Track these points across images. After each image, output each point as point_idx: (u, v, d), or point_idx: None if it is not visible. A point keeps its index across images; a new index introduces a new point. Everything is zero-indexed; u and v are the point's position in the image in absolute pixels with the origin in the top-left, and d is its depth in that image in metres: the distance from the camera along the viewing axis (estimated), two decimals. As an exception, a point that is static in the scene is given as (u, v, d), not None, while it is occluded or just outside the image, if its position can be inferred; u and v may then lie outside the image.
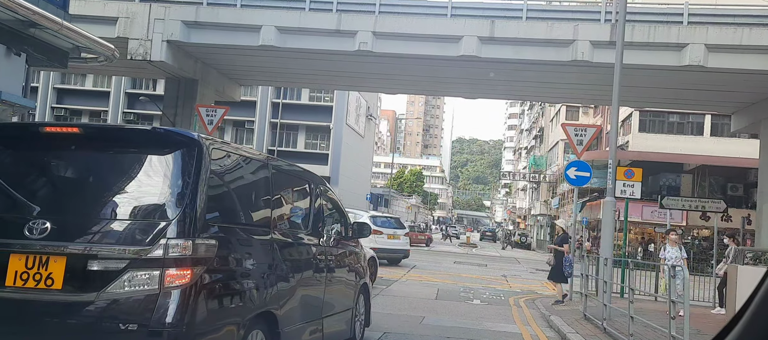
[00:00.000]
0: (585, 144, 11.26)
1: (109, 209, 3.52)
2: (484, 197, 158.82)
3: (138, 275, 3.21)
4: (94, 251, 3.26)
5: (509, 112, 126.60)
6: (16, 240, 3.28)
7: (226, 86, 28.64)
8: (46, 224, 3.30)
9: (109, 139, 3.95)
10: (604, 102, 29.96)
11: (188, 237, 3.30)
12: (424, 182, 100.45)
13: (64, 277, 3.22)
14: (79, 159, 3.77)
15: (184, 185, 3.42)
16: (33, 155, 3.81)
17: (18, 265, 3.24)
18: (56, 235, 3.29)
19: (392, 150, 70.93)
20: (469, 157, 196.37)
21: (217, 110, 12.12)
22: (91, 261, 3.24)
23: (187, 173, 3.46)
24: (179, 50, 23.55)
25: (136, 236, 3.31)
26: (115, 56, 12.43)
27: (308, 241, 4.82)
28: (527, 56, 21.56)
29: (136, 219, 3.42)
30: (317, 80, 28.85)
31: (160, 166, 3.61)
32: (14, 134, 4.05)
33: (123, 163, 3.72)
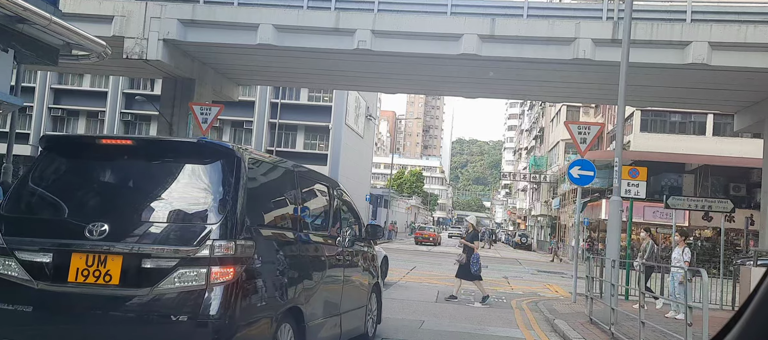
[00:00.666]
0: (589, 142, 10.98)
1: (159, 213, 3.87)
2: (484, 197, 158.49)
3: (187, 273, 3.57)
4: (148, 251, 3.62)
5: (509, 113, 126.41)
6: (78, 241, 3.64)
7: (223, 86, 28.35)
8: (105, 227, 3.66)
9: (158, 150, 4.33)
10: (606, 101, 29.68)
11: (230, 239, 3.65)
12: (424, 183, 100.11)
13: (121, 274, 3.58)
14: (132, 168, 4.17)
15: (226, 192, 3.80)
16: (91, 164, 4.21)
17: (79, 263, 3.60)
18: (113, 236, 3.64)
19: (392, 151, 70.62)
20: (469, 158, 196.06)
21: (212, 109, 11.83)
22: (145, 260, 3.60)
23: (227, 181, 3.85)
24: (176, 49, 23.27)
25: (185, 237, 3.66)
26: (107, 53, 12.15)
27: (328, 242, 5.14)
28: (528, 55, 21.26)
29: (184, 222, 3.79)
30: (316, 80, 28.56)
31: (204, 175, 4.00)
32: (74, 145, 4.52)
33: (171, 172, 4.08)
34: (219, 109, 11.94)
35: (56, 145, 4.41)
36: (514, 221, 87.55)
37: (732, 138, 30.17)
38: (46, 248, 3.71)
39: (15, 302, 3.61)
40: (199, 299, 3.55)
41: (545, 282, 15.12)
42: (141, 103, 34.25)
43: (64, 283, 3.62)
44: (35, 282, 3.65)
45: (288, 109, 38.03)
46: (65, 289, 3.62)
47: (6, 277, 3.67)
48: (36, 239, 3.74)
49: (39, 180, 4.13)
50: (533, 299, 11.81)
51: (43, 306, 3.62)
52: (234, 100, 30.67)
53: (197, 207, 3.88)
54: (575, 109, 43.75)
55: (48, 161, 4.20)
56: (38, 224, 3.89)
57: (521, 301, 10.97)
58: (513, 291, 12.83)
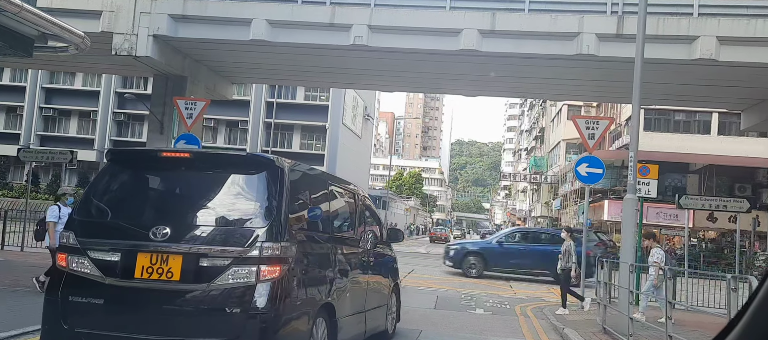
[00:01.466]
0: (597, 138, 10.32)
1: (213, 217, 4.32)
2: (483, 199, 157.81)
3: (240, 270, 4.00)
4: (204, 251, 4.06)
5: (508, 114, 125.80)
6: (143, 242, 4.08)
7: (217, 84, 27.66)
8: (167, 229, 4.11)
9: (211, 162, 4.86)
10: (610, 99, 29.02)
11: (277, 241, 4.09)
12: (423, 184, 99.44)
13: (181, 271, 4.01)
14: (189, 178, 4.66)
15: (271, 199, 4.23)
16: (152, 175, 4.76)
17: (144, 261, 4.03)
18: (174, 238, 4.09)
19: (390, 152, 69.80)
20: (468, 160, 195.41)
21: (197, 103, 11.16)
22: (202, 259, 4.03)
23: (272, 189, 4.27)
24: (166, 46, 22.59)
25: (236, 239, 4.10)
26: (86, 45, 11.47)
27: (355, 244, 5.54)
28: (530, 50, 20.60)
29: (235, 226, 4.23)
30: (311, 77, 27.88)
31: (252, 184, 4.43)
32: (138, 158, 5.08)
33: (222, 181, 4.53)
34: (205, 104, 11.27)
35: (120, 158, 4.93)
36: (513, 222, 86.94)
37: (737, 137, 29.52)
38: (115, 248, 4.17)
39: (88, 295, 4.08)
40: (249, 293, 4.00)
41: (550, 286, 14.46)
42: (134, 103, 33.58)
43: (131, 279, 4.07)
44: (106, 278, 4.10)
45: (284, 109, 37.34)
46: (132, 284, 4.08)
47: (80, 274, 4.12)
48: (106, 240, 4.20)
49: (106, 188, 4.62)
50: (538, 305, 11.14)
51: (113, 300, 4.08)
52: (228, 98, 30.00)
53: (246, 213, 4.32)
54: (576, 108, 43.09)
55: (113, 171, 4.69)
56: (107, 227, 4.34)
57: (526, 307, 10.31)
58: (516, 296, 12.15)
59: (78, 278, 4.15)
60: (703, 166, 30.24)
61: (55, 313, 4.18)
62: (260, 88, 36.90)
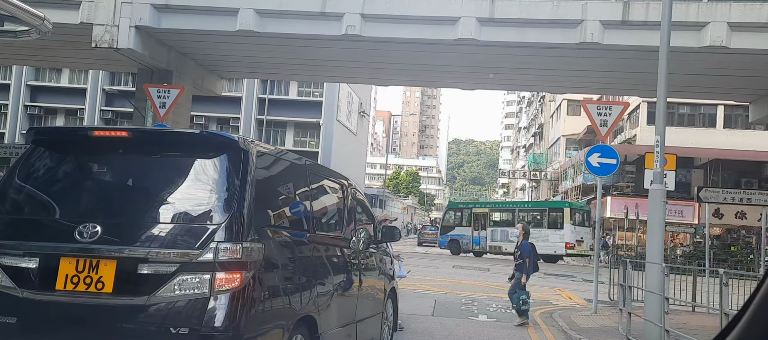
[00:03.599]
0: (610, 125, 9.38)
1: (157, 212, 3.51)
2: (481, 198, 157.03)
3: (188, 279, 3.20)
4: (144, 255, 3.27)
5: (506, 111, 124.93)
6: (67, 244, 3.28)
7: (205, 79, 26.65)
8: (97, 228, 3.29)
9: (156, 143, 3.90)
10: (615, 90, 28.02)
11: (237, 241, 3.29)
12: (420, 183, 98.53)
13: (115, 280, 3.22)
14: (128, 163, 3.79)
15: (231, 188, 3.43)
16: (82, 159, 3.84)
17: (68, 268, 3.24)
18: (106, 239, 3.28)
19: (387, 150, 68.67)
20: (465, 159, 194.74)
21: (171, 91, 10.18)
22: (142, 265, 3.23)
23: (233, 176, 3.47)
24: (150, 37, 21.56)
25: (186, 239, 3.31)
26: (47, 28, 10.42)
27: (343, 244, 4.76)
28: (531, 39, 19.64)
29: (185, 223, 3.41)
30: (303, 71, 26.86)
31: (207, 170, 3.60)
32: (63, 139, 4.13)
33: (170, 167, 3.72)
34: (179, 91, 10.29)
35: (45, 139, 4.00)
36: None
37: (744, 130, 28.63)
38: (31, 252, 3.34)
39: None
40: (201, 308, 3.19)
41: (555, 287, 13.53)
42: (121, 100, 32.52)
43: (51, 291, 3.26)
44: (20, 290, 3.29)
45: (276, 105, 36.32)
46: (53, 297, 3.27)
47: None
48: (21, 242, 3.38)
49: (26, 177, 3.74)
50: (546, 309, 10.18)
51: (29, 317, 3.27)
52: (217, 94, 28.97)
53: (199, 206, 3.47)
54: (576, 103, 42.17)
55: (36, 156, 3.80)
56: (24, 226, 3.50)
57: (533, 312, 9.35)
58: (521, 299, 11.20)
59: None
60: (708, 161, 29.33)
61: None
62: (252, 84, 35.87)
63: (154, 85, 11.05)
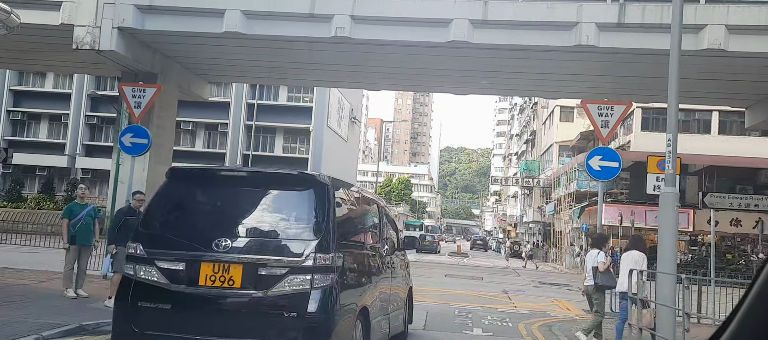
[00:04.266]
0: (612, 126, 8.88)
1: (270, 231, 4.82)
2: (472, 205, 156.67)
3: (295, 279, 4.45)
4: (263, 261, 4.52)
5: (498, 119, 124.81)
6: (207, 252, 4.54)
7: (192, 83, 26.02)
8: (228, 241, 4.58)
9: (265, 180, 5.29)
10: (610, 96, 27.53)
11: (327, 252, 4.55)
12: (412, 190, 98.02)
13: (242, 279, 4.47)
14: (244, 194, 5.04)
15: (320, 213, 4.72)
16: (211, 191, 5.14)
17: (208, 270, 4.48)
18: (235, 249, 4.57)
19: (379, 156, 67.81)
20: (457, 166, 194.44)
21: (146, 90, 9.58)
22: (261, 268, 4.49)
23: (321, 205, 4.75)
24: (133, 39, 20.95)
25: (292, 251, 4.58)
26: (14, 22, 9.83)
27: (381, 253, 5.82)
28: (524, 41, 19.21)
29: (291, 239, 4.71)
30: (292, 75, 26.30)
31: (303, 200, 4.88)
32: (200, 176, 5.53)
33: (277, 198, 5.05)
34: (155, 90, 9.69)
35: (180, 175, 5.20)
36: (504, 228, 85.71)
37: (739, 137, 28.32)
38: (180, 258, 4.55)
39: (156, 301, 4.46)
40: (305, 299, 4.36)
41: (552, 297, 12.99)
42: (107, 105, 31.77)
43: (195, 286, 4.48)
44: (172, 285, 4.50)
45: (266, 111, 35.67)
46: (197, 291, 4.48)
47: (148, 281, 4.49)
48: (172, 251, 4.58)
49: (167, 203, 4.97)
50: (545, 321, 9.62)
51: (179, 304, 4.47)
52: (204, 98, 28.35)
53: (299, 226, 4.75)
54: (569, 110, 41.92)
55: (173, 188, 4.99)
56: (173, 240, 4.67)
57: (531, 324, 8.79)
58: (517, 310, 10.62)
59: (146, 285, 4.49)
60: (703, 167, 28.97)
61: (125, 317, 4.54)
62: (241, 89, 35.23)
63: (128, 84, 10.45)
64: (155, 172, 23.80)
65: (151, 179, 23.32)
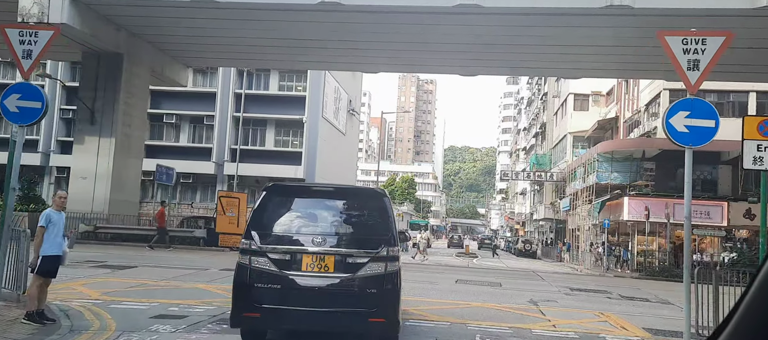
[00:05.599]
0: (704, 68, 6.04)
1: (353, 230, 6.43)
2: (478, 204, 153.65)
3: (373, 265, 5.92)
4: (350, 253, 5.98)
5: (503, 115, 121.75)
6: (307, 247, 5.97)
7: (167, 66, 23.24)
8: (322, 239, 6.04)
9: (346, 193, 7.05)
10: (642, 72, 24.65)
11: (394, 246, 6.08)
12: (416, 189, 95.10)
13: (334, 266, 5.89)
14: (331, 204, 6.66)
15: (385, 218, 6.34)
16: (305, 201, 6.82)
17: (308, 260, 5.90)
18: (328, 244, 6.02)
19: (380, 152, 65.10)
20: (461, 165, 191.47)
21: (40, 33, 6.80)
22: (349, 258, 5.94)
23: (385, 211, 6.41)
24: (89, 11, 18.16)
25: (370, 245, 5.99)
26: None
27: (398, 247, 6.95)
28: (546, 3, 16.35)
29: (369, 236, 6.20)
30: (279, 55, 23.45)
31: (374, 207, 6.52)
32: (290, 189, 7.66)
33: (355, 206, 6.70)
34: (52, 32, 6.88)
35: (277, 189, 6.65)
36: (511, 226, 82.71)
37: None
38: (287, 251, 5.97)
39: (269, 283, 5.82)
40: (381, 280, 5.88)
41: (596, 309, 10.20)
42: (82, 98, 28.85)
43: (299, 271, 5.86)
44: (280, 271, 5.86)
45: (255, 101, 32.87)
46: (300, 274, 5.86)
47: (263, 269, 5.85)
48: (281, 246, 5.99)
49: (268, 210, 6.35)
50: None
51: (286, 286, 5.84)
52: (183, 86, 25.56)
53: (374, 227, 6.33)
54: (583, 97, 39.02)
55: (271, 198, 6.40)
56: (280, 236, 6.15)
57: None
58: (559, 332, 7.74)
59: (262, 271, 5.84)
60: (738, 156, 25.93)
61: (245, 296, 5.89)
62: (228, 77, 32.48)
63: (13, 25, 7.60)
64: (124, 166, 21.01)
65: (117, 174, 20.57)
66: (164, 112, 32.76)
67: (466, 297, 11.06)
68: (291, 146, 33.30)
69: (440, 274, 17.56)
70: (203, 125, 33.21)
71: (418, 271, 17.65)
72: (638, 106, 30.37)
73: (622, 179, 29.06)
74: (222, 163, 32.69)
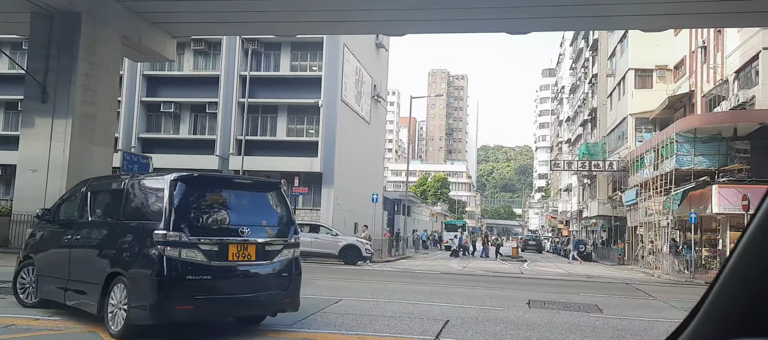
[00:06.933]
0: None
1: (267, 220, 7.18)
2: (513, 204, 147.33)
3: (286, 251, 6.99)
4: (269, 241, 6.88)
5: (540, 109, 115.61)
6: (234, 238, 6.56)
7: (145, 35, 18.95)
8: (246, 229, 6.68)
9: (253, 183, 7.66)
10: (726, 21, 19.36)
11: (297, 233, 7.33)
12: (449, 189, 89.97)
13: (256, 254, 6.70)
14: (244, 195, 7.32)
15: (288, 207, 7.46)
16: (222, 193, 7.11)
17: (234, 249, 6.52)
18: (251, 234, 6.68)
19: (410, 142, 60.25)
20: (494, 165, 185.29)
21: None
22: (267, 246, 6.83)
23: (286, 201, 7.49)
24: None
25: (282, 233, 7.09)
26: None
27: None
28: None
29: (280, 225, 7.19)
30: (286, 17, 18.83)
31: (277, 197, 7.35)
32: (207, 181, 7.43)
33: (264, 196, 7.35)
34: None
35: (187, 180, 6.71)
36: (554, 226, 76.81)
37: None
38: (215, 242, 6.45)
39: (200, 274, 6.27)
40: (291, 263, 7.04)
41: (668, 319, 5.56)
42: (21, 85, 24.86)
43: (226, 260, 6.47)
44: (209, 261, 6.34)
45: (264, 84, 28.56)
46: (227, 263, 6.48)
47: (193, 260, 6.26)
48: (210, 237, 6.45)
49: (187, 200, 6.59)
50: None
51: (215, 274, 6.39)
52: (168, 58, 21.25)
53: (283, 217, 7.29)
54: (646, 74, 33.63)
55: (185, 189, 6.60)
56: (209, 228, 6.57)
57: None
58: None
59: (192, 263, 6.26)
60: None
61: None
62: (232, 58, 28.31)
63: None
64: (85, 155, 16.79)
65: (76, 164, 16.40)
66: (161, 101, 28.77)
67: (555, 334, 6.29)
68: (306, 135, 28.84)
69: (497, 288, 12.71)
70: (205, 114, 29.05)
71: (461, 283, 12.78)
72: (724, 75, 24.89)
73: (709, 163, 23.69)
74: (227, 157, 28.50)
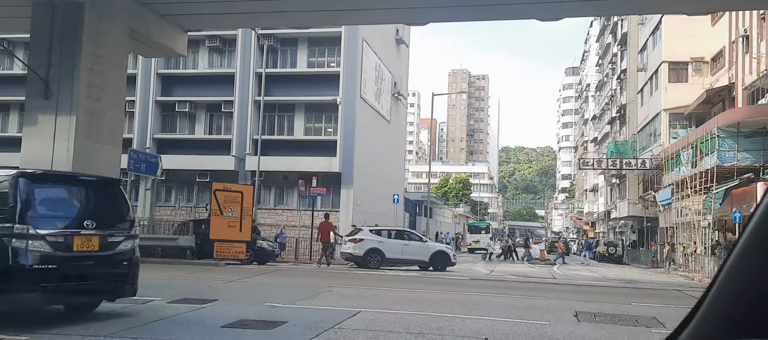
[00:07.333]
0: None
1: (111, 214, 8.01)
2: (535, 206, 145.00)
3: (127, 242, 7.82)
4: (110, 233, 7.67)
5: (563, 109, 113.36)
6: (79, 229, 7.26)
7: (153, 28, 18.10)
8: (93, 222, 7.42)
9: (92, 180, 8.46)
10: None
11: (135, 226, 8.32)
12: (471, 190, 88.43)
13: (99, 244, 7.43)
14: (85, 190, 8.20)
15: (126, 201, 8.37)
16: (64, 188, 7.98)
17: (79, 240, 7.22)
18: (96, 227, 7.42)
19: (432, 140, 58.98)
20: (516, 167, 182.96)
21: None
22: (109, 237, 7.62)
23: (124, 196, 8.46)
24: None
25: (124, 227, 7.91)
26: None
27: None
28: None
29: (121, 221, 8.01)
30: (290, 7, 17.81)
31: (116, 192, 8.21)
32: (51, 178, 8.39)
33: (104, 191, 8.28)
34: None
35: (29, 176, 7.36)
36: (579, 227, 74.83)
37: None
38: (61, 234, 7.13)
39: (46, 263, 6.85)
40: (131, 252, 7.88)
41: None
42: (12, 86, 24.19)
43: (71, 251, 7.14)
44: (55, 252, 6.98)
45: (281, 82, 27.68)
46: (72, 254, 7.16)
47: (39, 250, 6.84)
48: (55, 229, 7.06)
49: (35, 196, 7.25)
50: None
51: (61, 263, 7.02)
52: (180, 54, 20.39)
53: (120, 209, 8.05)
54: (681, 66, 31.95)
55: (29, 185, 7.20)
56: (54, 221, 7.21)
57: None
58: None
59: (40, 253, 6.95)
60: None
61: None
62: (247, 55, 27.50)
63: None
64: (91, 154, 15.95)
65: (81, 163, 15.58)
66: (176, 100, 28.10)
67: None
68: (324, 134, 27.85)
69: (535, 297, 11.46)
70: (221, 113, 28.25)
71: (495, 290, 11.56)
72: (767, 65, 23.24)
73: (752, 159, 22.13)
74: (243, 158, 27.67)
